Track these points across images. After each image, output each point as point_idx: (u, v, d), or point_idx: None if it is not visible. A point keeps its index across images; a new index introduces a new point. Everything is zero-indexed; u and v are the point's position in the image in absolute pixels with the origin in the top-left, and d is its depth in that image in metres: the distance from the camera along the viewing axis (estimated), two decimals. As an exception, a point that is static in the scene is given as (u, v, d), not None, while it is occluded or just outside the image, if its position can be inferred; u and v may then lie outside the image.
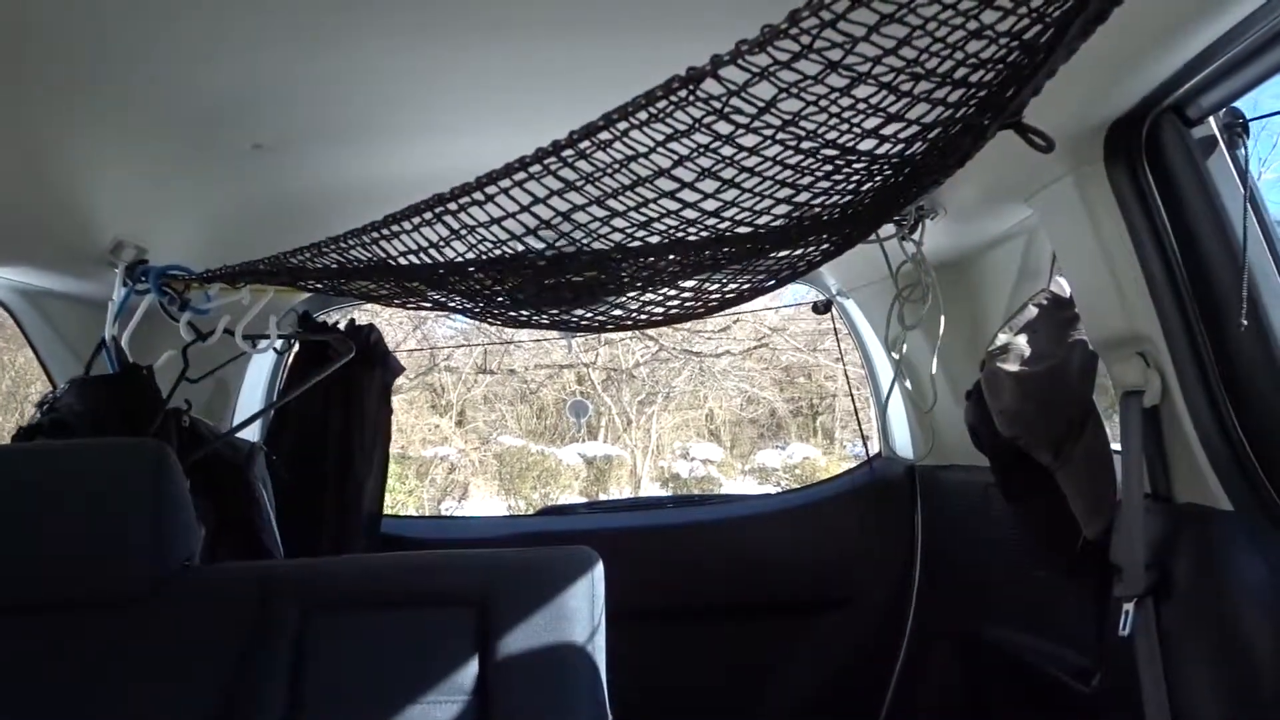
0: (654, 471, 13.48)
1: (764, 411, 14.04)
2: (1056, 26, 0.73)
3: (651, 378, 13.57)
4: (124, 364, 1.73)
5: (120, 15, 1.14)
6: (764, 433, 14.11)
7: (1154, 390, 1.42)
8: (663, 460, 13.65)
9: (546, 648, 1.40)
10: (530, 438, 13.50)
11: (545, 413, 14.02)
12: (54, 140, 1.40)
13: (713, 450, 13.37)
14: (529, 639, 1.40)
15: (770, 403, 13.91)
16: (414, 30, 1.23)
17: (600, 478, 12.90)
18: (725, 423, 14.18)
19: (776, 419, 14.06)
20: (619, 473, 13.14)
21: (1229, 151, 1.34)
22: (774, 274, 1.22)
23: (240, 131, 1.52)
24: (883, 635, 2.61)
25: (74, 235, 1.61)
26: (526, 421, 13.92)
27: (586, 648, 1.42)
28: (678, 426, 14.04)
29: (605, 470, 12.96)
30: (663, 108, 0.74)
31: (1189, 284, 1.36)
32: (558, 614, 1.42)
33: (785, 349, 13.37)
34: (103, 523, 1.36)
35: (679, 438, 13.99)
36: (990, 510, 2.09)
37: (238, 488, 1.95)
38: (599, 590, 1.47)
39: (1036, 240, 2.01)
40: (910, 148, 0.83)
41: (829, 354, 13.24)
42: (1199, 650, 1.32)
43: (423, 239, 1.00)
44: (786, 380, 13.98)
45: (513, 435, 13.38)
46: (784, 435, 13.97)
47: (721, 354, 12.93)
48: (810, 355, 13.27)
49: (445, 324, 11.48)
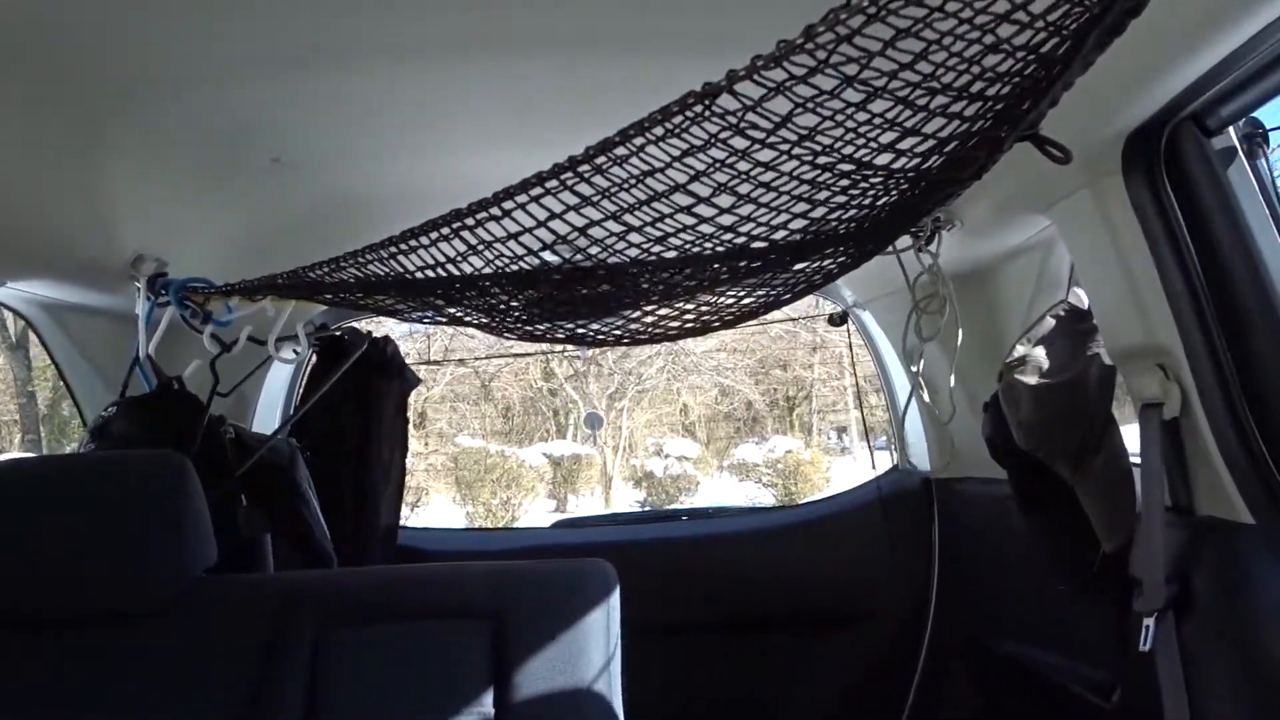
0: (626, 470, 13.17)
1: (740, 404, 13.82)
2: (1073, 39, 0.72)
3: (621, 368, 13.27)
4: (161, 380, 1.75)
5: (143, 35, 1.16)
6: (740, 427, 13.88)
7: (1174, 402, 1.41)
8: (635, 458, 13.35)
9: (562, 661, 1.40)
10: (496, 438, 13.13)
11: (512, 412, 13.71)
12: (75, 155, 1.42)
13: (688, 446, 13.09)
14: (544, 652, 1.40)
15: (746, 395, 13.68)
16: (431, 48, 1.24)
17: (569, 479, 12.54)
18: (700, 417, 13.93)
19: (753, 412, 13.83)
20: (588, 473, 12.82)
21: (1249, 161, 1.33)
22: (790, 287, 1.21)
23: (260, 147, 1.53)
24: (900, 649, 2.60)
25: (95, 249, 1.63)
26: (492, 422, 13.64)
27: (602, 660, 1.42)
28: (650, 422, 13.77)
29: (574, 471, 12.60)
30: (679, 123, 0.74)
31: (1209, 295, 1.35)
32: (573, 627, 1.42)
33: (760, 337, 13.11)
34: (122, 535, 1.37)
35: (652, 434, 13.70)
36: (1008, 523, 2.07)
37: (285, 491, 1.96)
38: (614, 603, 1.46)
39: (1054, 252, 2.00)
40: (926, 161, 0.83)
41: (806, 345, 13.10)
42: (1221, 665, 1.30)
43: (440, 254, 1.00)
44: (762, 372, 13.79)
45: (470, 435, 13.00)
46: (761, 429, 13.75)
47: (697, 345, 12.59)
48: (786, 345, 13.05)
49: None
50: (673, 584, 2.53)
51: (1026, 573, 2.08)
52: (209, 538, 1.45)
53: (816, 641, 2.62)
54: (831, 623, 2.64)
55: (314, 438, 2.34)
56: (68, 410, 11.70)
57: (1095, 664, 1.80)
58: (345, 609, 1.44)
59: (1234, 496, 1.33)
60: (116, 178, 1.53)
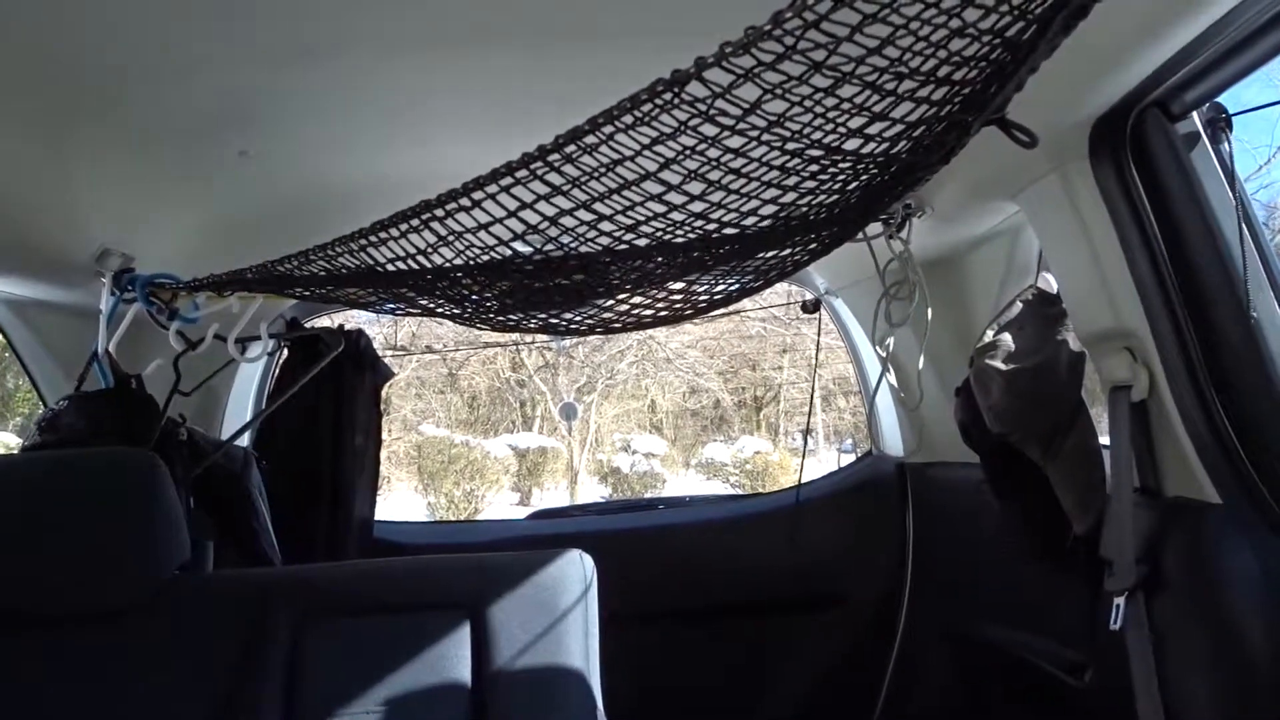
0: (592, 465, 13.10)
1: (708, 403, 13.80)
2: (1039, 23, 0.73)
3: (592, 362, 13.20)
4: (118, 377, 1.72)
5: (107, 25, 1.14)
6: (708, 425, 13.87)
7: (1141, 385, 1.43)
8: (602, 453, 13.28)
9: (540, 650, 1.40)
10: (461, 428, 12.98)
11: (478, 402, 13.57)
12: (38, 147, 1.39)
13: (656, 443, 13.04)
14: (522, 642, 1.40)
15: (715, 394, 13.66)
16: (400, 39, 1.23)
17: (534, 471, 12.46)
18: (668, 414, 13.89)
19: (721, 410, 13.83)
20: (554, 466, 12.74)
21: (1213, 146, 1.35)
22: (762, 274, 1.22)
23: (227, 139, 1.51)
24: (875, 634, 2.62)
25: (59, 243, 1.60)
26: (457, 411, 13.49)
27: (579, 650, 1.43)
28: (619, 417, 13.71)
29: (539, 463, 12.52)
30: (648, 110, 0.74)
31: (1175, 278, 1.36)
32: (551, 617, 1.43)
33: (731, 336, 13.10)
34: (96, 533, 1.35)
35: (620, 429, 13.63)
36: (981, 507, 2.09)
37: (235, 497, 1.94)
38: (591, 592, 1.47)
39: (1023, 237, 2.01)
40: (895, 146, 0.83)
41: (776, 347, 13.11)
42: (1190, 642, 1.33)
43: (410, 246, 1.00)
44: (731, 371, 13.79)
45: (434, 424, 12.84)
46: (728, 428, 13.75)
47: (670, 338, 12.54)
48: (757, 345, 13.05)
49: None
50: (650, 573, 2.53)
51: (999, 555, 2.10)
52: (183, 535, 1.44)
53: (793, 627, 2.63)
54: (807, 609, 2.65)
55: (288, 432, 2.33)
56: (11, 384, 11.53)
57: (1068, 644, 1.82)
58: (322, 603, 1.43)
59: (1201, 477, 1.35)
60: (82, 171, 1.50)
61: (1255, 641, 1.24)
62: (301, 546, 2.17)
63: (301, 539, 2.20)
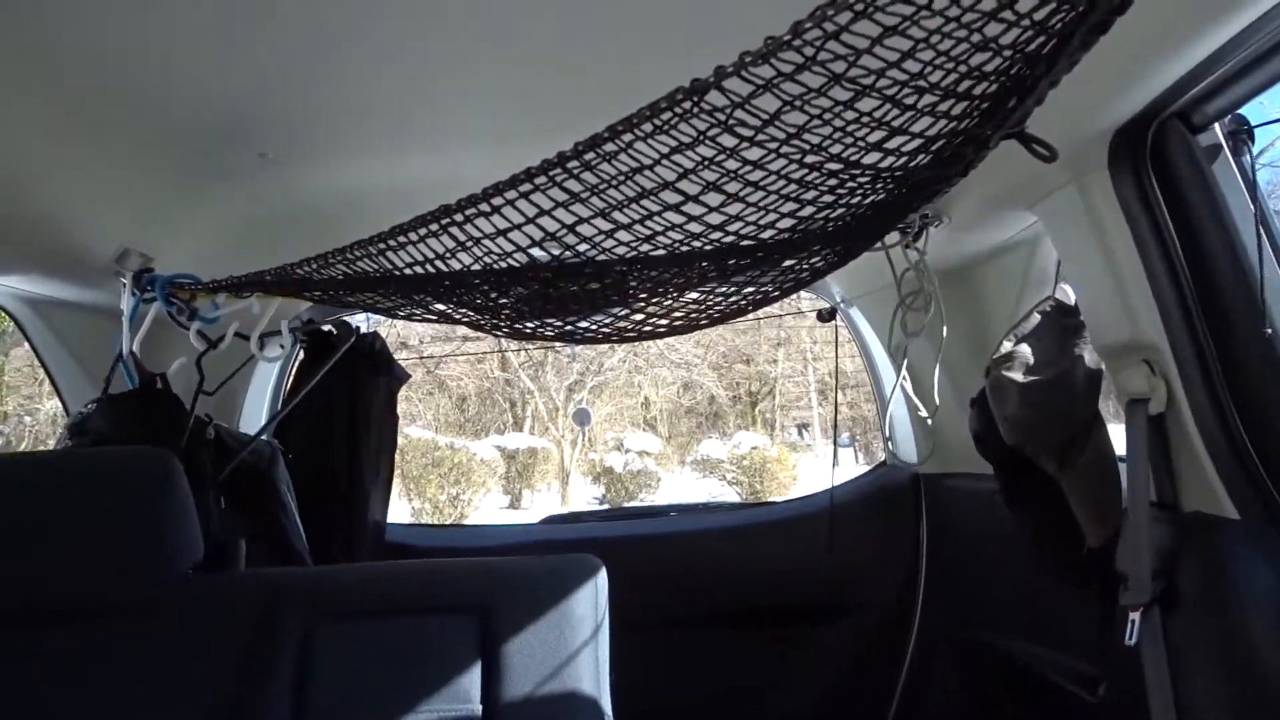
0: (584, 465, 12.91)
1: (703, 399, 13.65)
2: (1059, 38, 0.73)
3: (581, 358, 13.05)
4: (144, 378, 1.73)
5: (127, 29, 1.15)
6: (703, 421, 13.70)
7: (1159, 398, 1.42)
8: (594, 452, 13.09)
9: (550, 656, 1.40)
10: (450, 430, 12.82)
11: (467, 403, 13.44)
12: (60, 148, 1.41)
13: (650, 441, 12.85)
14: (533, 647, 1.40)
15: (710, 389, 13.51)
16: (420, 43, 1.23)
17: (523, 473, 12.22)
18: (662, 411, 13.73)
19: (715, 406, 13.67)
20: (544, 467, 12.51)
21: (1234, 158, 1.34)
22: (778, 284, 1.22)
23: (246, 141, 1.52)
24: (887, 643, 2.61)
25: (80, 243, 1.62)
26: (446, 413, 13.35)
27: (590, 656, 1.42)
28: (611, 415, 13.54)
29: (529, 465, 12.31)
30: (667, 119, 0.74)
31: (1194, 291, 1.35)
32: (561, 622, 1.43)
33: (725, 330, 12.97)
34: (108, 531, 1.36)
35: (612, 427, 13.47)
36: (995, 517, 2.08)
37: (263, 493, 1.95)
38: (602, 598, 1.47)
39: (1041, 248, 2.00)
40: (914, 160, 0.83)
41: (770, 340, 12.99)
42: (1206, 659, 1.31)
43: (429, 250, 1.00)
44: (725, 366, 13.64)
45: (422, 427, 12.69)
46: (723, 424, 13.58)
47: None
48: (750, 340, 12.91)
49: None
50: (662, 579, 2.53)
51: (1013, 567, 2.09)
52: (196, 535, 1.44)
53: (805, 635, 2.63)
54: (820, 617, 2.64)
55: (303, 434, 2.34)
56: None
57: (1081, 657, 1.81)
58: (333, 605, 1.44)
59: (1219, 492, 1.34)
60: (102, 172, 1.52)
61: (1273, 659, 1.23)
62: (315, 548, 2.18)
63: (315, 540, 2.21)
